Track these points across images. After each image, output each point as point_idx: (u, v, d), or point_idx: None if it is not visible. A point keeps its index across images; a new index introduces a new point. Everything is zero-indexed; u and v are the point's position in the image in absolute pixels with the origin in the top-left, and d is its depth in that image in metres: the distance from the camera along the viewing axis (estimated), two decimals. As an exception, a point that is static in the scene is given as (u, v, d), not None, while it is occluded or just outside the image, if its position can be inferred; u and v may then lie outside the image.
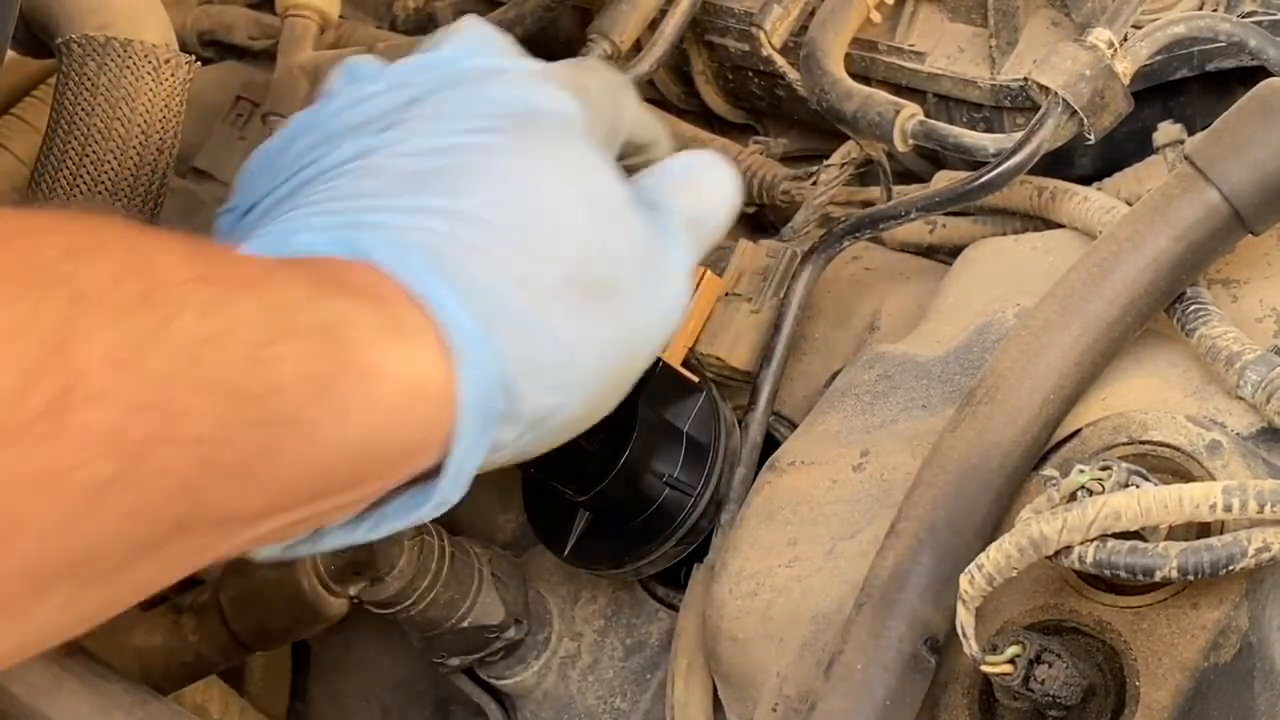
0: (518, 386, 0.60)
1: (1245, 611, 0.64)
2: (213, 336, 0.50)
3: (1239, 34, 0.81)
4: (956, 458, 0.71)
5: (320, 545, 0.61)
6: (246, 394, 0.51)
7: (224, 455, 0.51)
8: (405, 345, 0.57)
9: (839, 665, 0.68)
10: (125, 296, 0.49)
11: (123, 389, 0.48)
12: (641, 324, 0.67)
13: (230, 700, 0.94)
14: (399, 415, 0.57)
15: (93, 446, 0.47)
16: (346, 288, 0.57)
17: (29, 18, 0.82)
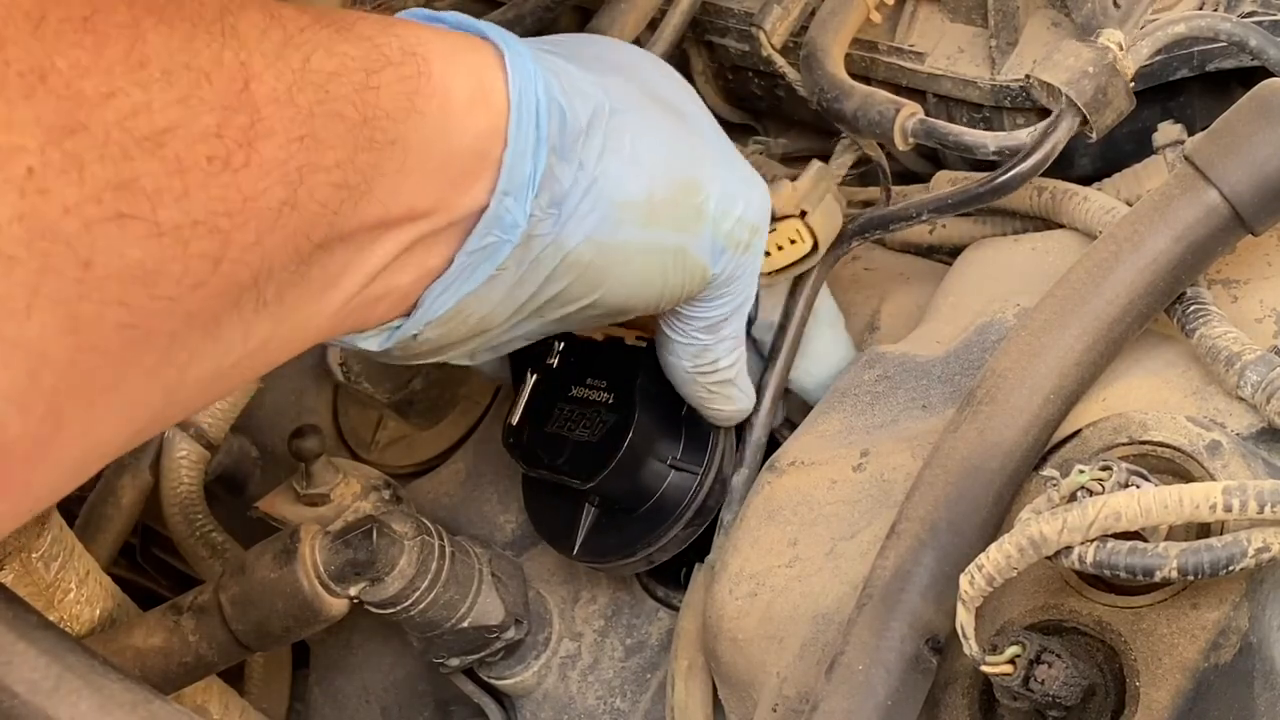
0: (571, 118, 0.68)
1: (1245, 611, 0.64)
2: (337, 72, 0.58)
3: (1239, 34, 0.81)
4: (957, 458, 0.71)
5: (421, 316, 0.68)
6: (363, 117, 0.58)
7: (351, 178, 0.58)
8: (469, 55, 0.66)
9: (840, 665, 0.68)
10: (273, 43, 0.55)
11: (285, 123, 0.55)
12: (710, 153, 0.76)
13: (230, 700, 0.94)
14: (466, 119, 0.64)
15: (272, 174, 0.54)
16: (414, 23, 0.65)
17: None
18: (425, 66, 0.63)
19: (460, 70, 0.65)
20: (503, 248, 0.67)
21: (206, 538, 1.02)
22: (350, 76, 0.58)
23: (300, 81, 0.56)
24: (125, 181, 0.49)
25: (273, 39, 0.56)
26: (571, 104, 0.68)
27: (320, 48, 0.57)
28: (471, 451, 1.02)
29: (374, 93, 0.59)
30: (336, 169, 0.57)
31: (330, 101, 0.57)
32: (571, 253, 0.70)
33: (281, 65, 0.55)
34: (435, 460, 1.04)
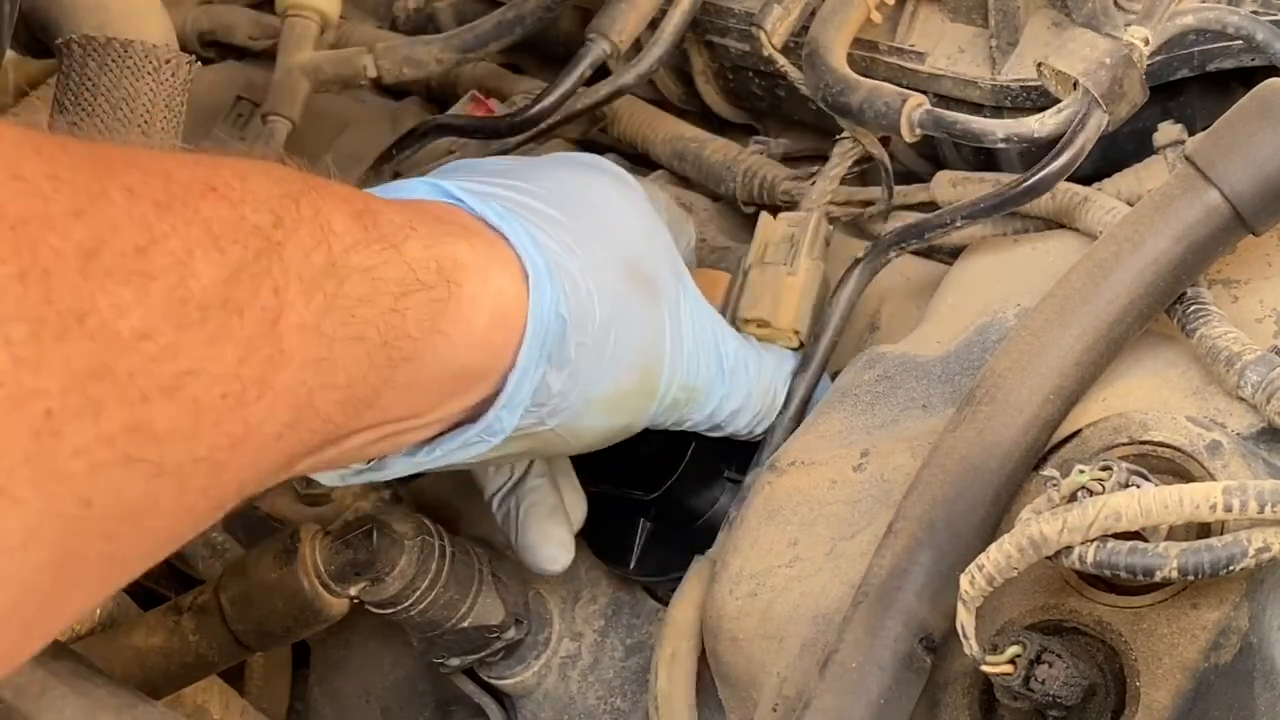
0: (568, 330, 0.70)
1: (1245, 611, 0.64)
2: (368, 297, 0.58)
3: (1247, 27, 0.81)
4: (956, 457, 0.71)
5: (383, 472, 0.70)
6: (384, 342, 0.59)
7: (359, 393, 0.58)
8: (499, 272, 0.67)
9: (834, 663, 0.68)
10: (315, 269, 0.55)
11: (305, 350, 0.54)
12: (669, 327, 0.77)
13: (230, 700, 0.94)
14: (484, 338, 0.66)
15: (280, 402, 0.53)
16: (457, 225, 0.67)
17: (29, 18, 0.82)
18: (457, 291, 0.64)
19: (489, 293, 0.66)
20: (481, 446, 0.70)
21: (206, 538, 1.02)
22: (380, 300, 0.59)
23: (330, 307, 0.55)
24: (139, 425, 0.47)
25: (315, 263, 0.55)
26: (573, 316, 0.70)
27: (358, 273, 0.57)
28: (472, 451, 1.01)
29: (399, 315, 0.59)
30: (348, 388, 0.57)
31: (355, 325, 0.57)
32: (536, 433, 0.73)
33: (316, 292, 0.55)
34: (435, 460, 1.03)
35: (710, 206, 1.05)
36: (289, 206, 0.55)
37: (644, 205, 0.81)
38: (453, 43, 1.07)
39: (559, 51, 1.15)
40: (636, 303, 0.76)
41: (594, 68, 0.98)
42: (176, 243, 0.49)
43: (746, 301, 0.91)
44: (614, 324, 0.73)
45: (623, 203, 0.80)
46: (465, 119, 1.06)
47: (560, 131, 1.10)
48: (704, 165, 1.05)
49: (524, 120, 0.99)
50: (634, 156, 1.12)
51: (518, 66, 1.21)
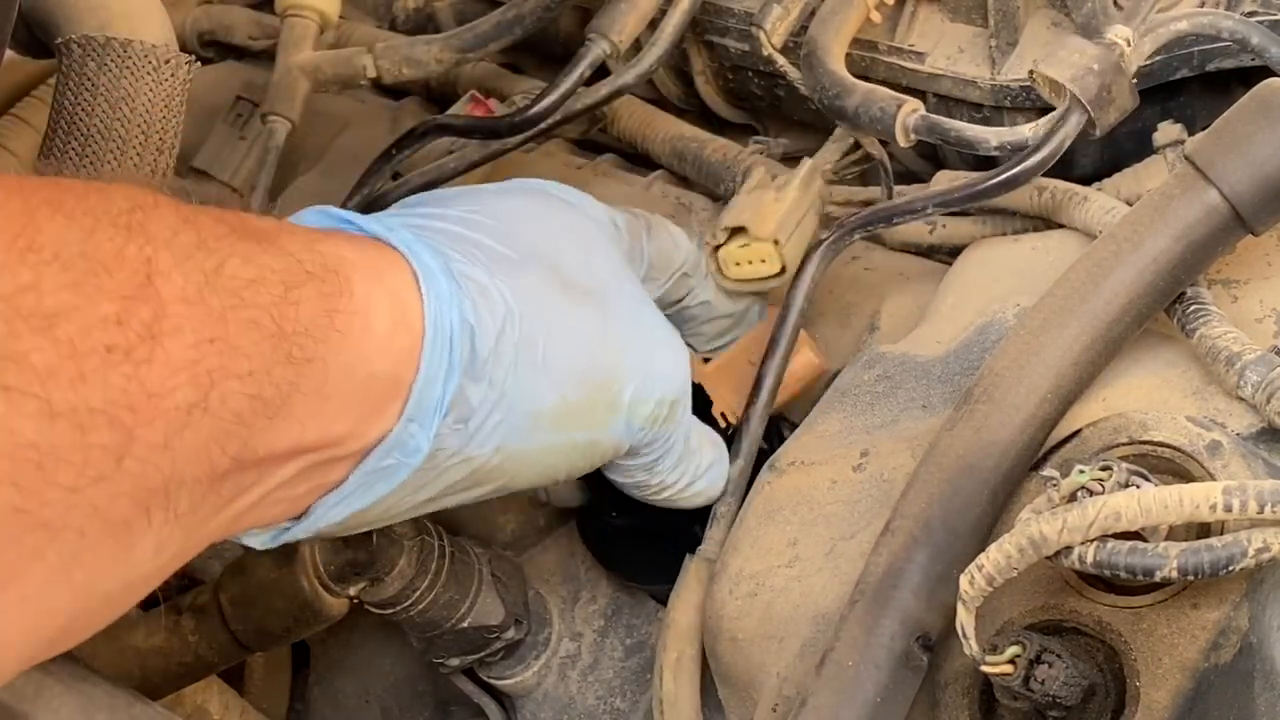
0: (481, 339, 0.67)
1: (1245, 611, 0.64)
2: (256, 279, 0.57)
3: (1241, 31, 0.81)
4: (953, 456, 0.71)
5: (312, 523, 0.66)
6: (281, 331, 0.58)
7: (266, 391, 0.57)
8: (389, 275, 0.65)
9: (830, 661, 0.68)
10: (184, 244, 0.55)
11: (194, 323, 0.53)
12: (623, 336, 0.74)
13: (230, 700, 0.94)
14: (385, 343, 0.63)
15: (179, 374, 0.53)
16: (336, 236, 0.66)
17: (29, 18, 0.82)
18: (347, 286, 0.62)
19: (382, 292, 0.64)
20: (401, 470, 0.66)
21: (206, 538, 1.02)
22: (269, 287, 0.58)
23: (213, 285, 0.55)
24: (11, 355, 0.48)
25: (184, 240, 0.55)
26: (482, 321, 0.67)
27: (237, 255, 0.57)
28: (471, 451, 1.01)
29: (294, 307, 0.58)
30: (251, 378, 0.56)
31: (245, 309, 0.56)
32: (477, 459, 0.69)
33: (191, 266, 0.54)
34: (435, 460, 1.03)
35: (710, 206, 1.05)
36: (145, 198, 0.55)
37: (582, 222, 0.79)
38: (452, 43, 1.07)
39: (559, 51, 1.15)
40: (572, 313, 0.73)
41: (594, 68, 0.98)
42: (16, 205, 0.50)
43: (728, 214, 0.88)
44: (543, 334, 0.70)
45: (555, 221, 0.78)
46: (465, 119, 1.06)
47: (560, 131, 1.10)
48: (704, 165, 1.05)
49: (524, 120, 0.99)
50: (634, 156, 1.12)
51: (518, 66, 1.21)
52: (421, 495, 0.69)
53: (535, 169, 1.10)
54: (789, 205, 0.88)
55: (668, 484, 0.82)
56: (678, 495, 0.83)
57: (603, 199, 1.06)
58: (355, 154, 1.13)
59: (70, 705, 0.66)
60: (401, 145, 1.02)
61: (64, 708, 0.66)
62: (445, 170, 1.03)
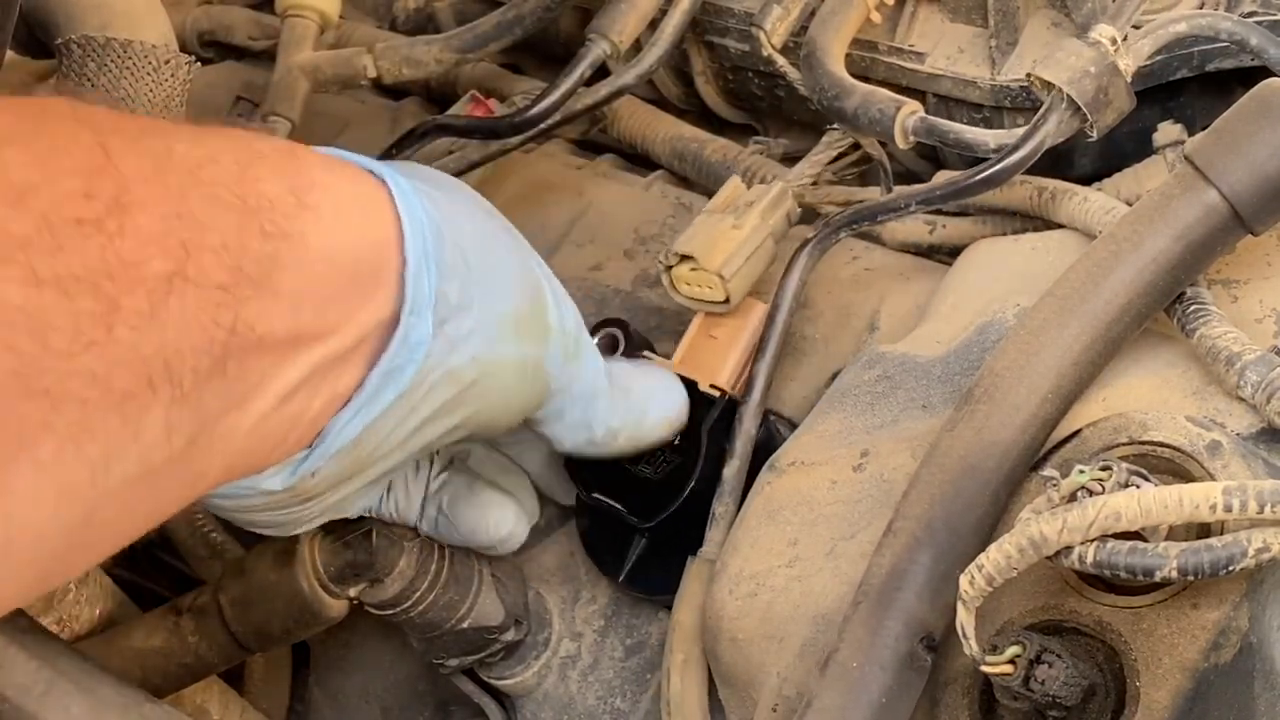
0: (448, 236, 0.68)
1: (1245, 611, 0.64)
2: (208, 159, 0.58)
3: (1240, 32, 0.81)
4: (954, 456, 0.71)
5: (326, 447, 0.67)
6: (246, 206, 0.58)
7: (245, 263, 0.58)
8: (347, 168, 0.66)
9: (835, 663, 0.68)
10: (132, 129, 0.56)
11: (156, 198, 0.54)
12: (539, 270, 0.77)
13: (230, 700, 0.94)
14: (360, 225, 0.64)
15: (151, 245, 0.53)
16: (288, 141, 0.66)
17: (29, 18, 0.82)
18: (306, 168, 0.63)
19: (343, 178, 0.65)
20: (407, 368, 0.67)
21: (206, 538, 1.02)
22: (224, 165, 0.59)
23: (165, 165, 0.56)
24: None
25: (130, 126, 0.56)
26: (448, 221, 0.69)
27: (184, 140, 0.58)
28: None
29: (255, 183, 0.59)
30: (226, 251, 0.57)
31: (203, 186, 0.57)
32: (457, 372, 0.70)
33: (142, 148, 0.56)
34: (435, 460, 1.03)
35: (710, 207, 1.05)
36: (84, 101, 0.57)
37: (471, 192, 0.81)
38: (452, 43, 1.07)
39: (559, 51, 1.15)
40: (504, 233, 0.75)
41: (594, 68, 0.98)
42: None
43: (683, 238, 0.90)
44: (487, 240, 0.72)
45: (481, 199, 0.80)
46: (465, 119, 1.06)
47: (560, 131, 1.10)
48: (704, 165, 1.05)
49: (524, 120, 0.99)
50: (634, 156, 1.12)
51: (518, 66, 1.21)
52: (413, 419, 0.70)
53: (535, 169, 1.10)
54: (743, 237, 0.89)
55: (615, 426, 0.83)
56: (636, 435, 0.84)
57: (603, 199, 1.07)
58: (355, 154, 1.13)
59: (81, 704, 0.66)
60: (401, 145, 1.02)
61: (74, 706, 0.66)
62: (445, 170, 1.03)
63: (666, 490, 0.88)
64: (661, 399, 0.86)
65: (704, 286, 0.89)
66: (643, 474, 0.88)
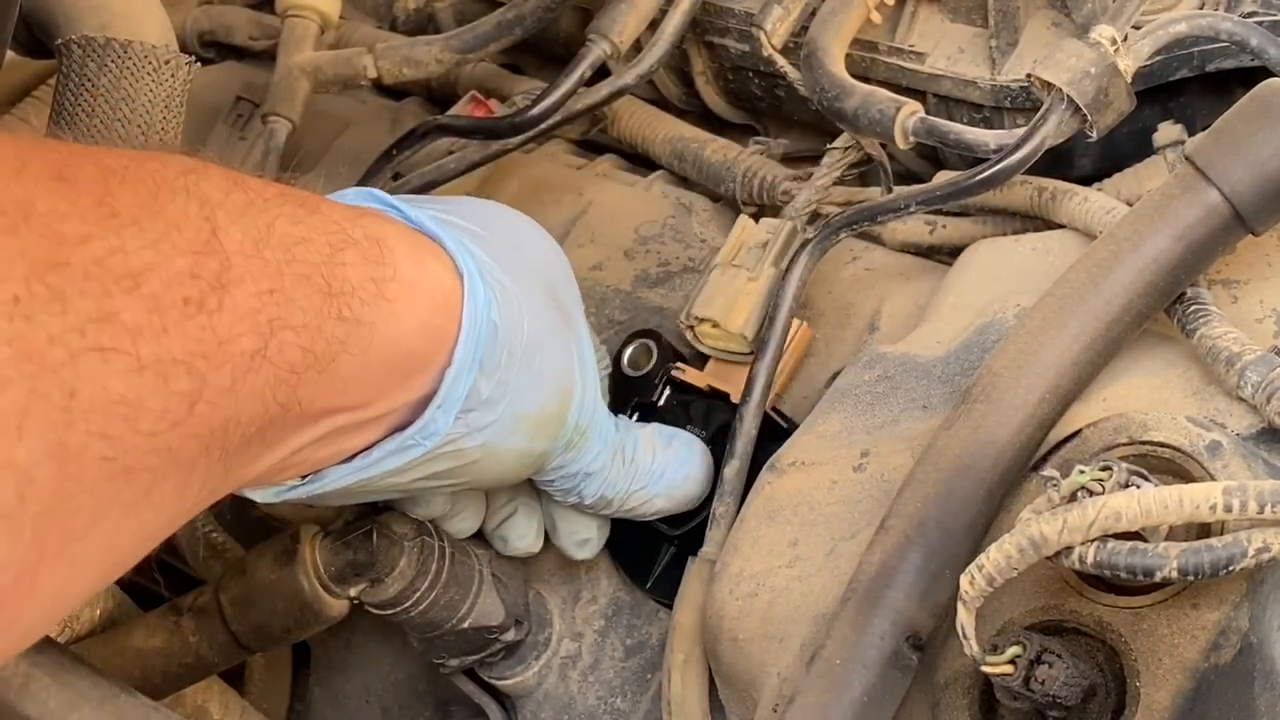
0: (502, 339, 0.71)
1: (1245, 612, 0.64)
2: (303, 239, 0.60)
3: (1240, 33, 0.81)
4: (950, 456, 0.71)
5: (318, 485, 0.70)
6: (330, 290, 0.61)
7: (317, 345, 0.60)
8: (432, 261, 0.69)
9: (819, 659, 0.69)
10: (236, 204, 0.58)
11: (254, 275, 0.57)
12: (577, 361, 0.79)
13: (230, 700, 0.94)
14: (427, 322, 0.67)
15: (243, 323, 0.56)
16: (377, 214, 0.69)
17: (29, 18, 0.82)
18: (391, 258, 0.66)
19: (426, 277, 0.68)
20: (413, 451, 0.71)
21: (206, 538, 1.02)
22: (316, 247, 0.61)
23: (266, 240, 0.58)
24: (106, 316, 0.51)
25: (236, 200, 0.58)
26: (504, 322, 0.71)
27: (285, 216, 0.60)
28: (472, 452, 1.01)
29: (341, 268, 0.62)
30: (304, 330, 0.59)
31: (297, 264, 0.59)
32: (465, 452, 0.73)
33: (246, 223, 0.58)
34: (435, 460, 1.03)
35: (710, 206, 1.05)
36: (196, 164, 0.59)
37: (554, 245, 0.84)
38: (453, 43, 1.07)
39: (559, 52, 1.15)
40: (555, 329, 0.78)
41: (594, 68, 0.98)
42: (90, 170, 0.54)
43: (702, 299, 0.92)
44: (539, 342, 0.75)
45: (539, 239, 0.83)
46: (465, 119, 1.06)
47: (560, 132, 1.10)
48: (704, 165, 1.05)
49: (524, 120, 0.99)
50: (634, 156, 1.12)
51: (518, 66, 1.21)
52: (408, 476, 0.73)
53: (535, 169, 1.10)
54: (761, 290, 0.91)
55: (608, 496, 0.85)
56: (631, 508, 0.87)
57: (603, 199, 1.07)
58: (355, 154, 1.13)
59: (58, 697, 0.67)
60: (402, 146, 1.02)
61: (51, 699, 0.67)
62: (445, 171, 1.03)
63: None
64: (671, 476, 0.87)
65: (728, 341, 0.92)
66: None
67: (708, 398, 0.92)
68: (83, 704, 0.68)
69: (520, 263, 0.77)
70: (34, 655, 0.67)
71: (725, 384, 0.91)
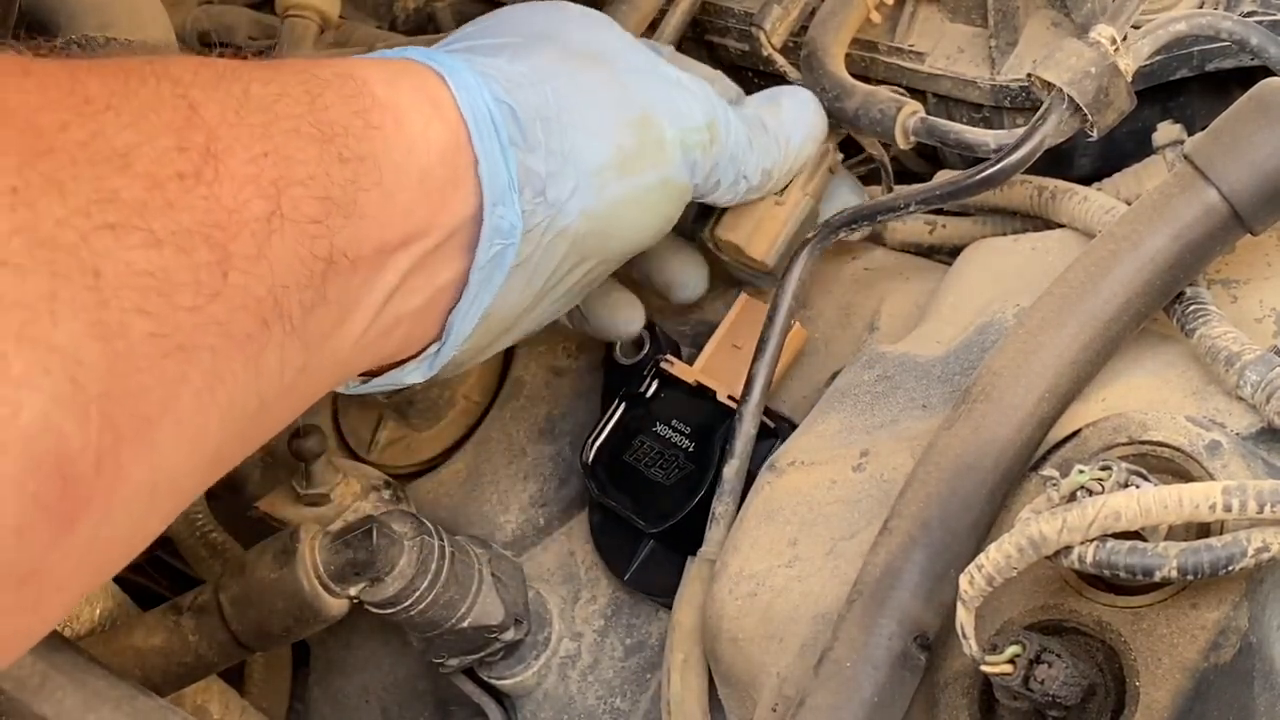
0: (522, 112, 0.70)
1: (1245, 611, 0.64)
2: (279, 95, 0.60)
3: (1240, 32, 0.81)
4: (951, 455, 0.71)
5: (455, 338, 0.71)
6: (322, 135, 0.61)
7: (332, 192, 0.60)
8: (405, 77, 0.68)
9: (828, 661, 0.68)
10: (208, 77, 0.58)
11: (243, 140, 0.57)
12: (640, 85, 0.77)
13: (230, 700, 0.94)
14: (425, 133, 0.67)
15: (246, 188, 0.56)
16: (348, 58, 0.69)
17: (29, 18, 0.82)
18: (365, 87, 0.65)
19: (403, 90, 0.67)
20: (507, 252, 0.70)
21: (206, 538, 1.02)
22: (294, 98, 0.61)
23: (245, 105, 0.58)
24: (106, 196, 0.51)
25: (206, 75, 0.58)
26: (517, 99, 0.71)
27: (255, 80, 0.60)
28: (471, 452, 1.02)
29: (325, 112, 0.62)
30: (313, 182, 0.59)
31: (282, 120, 0.59)
32: (568, 230, 0.73)
33: (221, 94, 0.58)
34: (435, 460, 1.04)
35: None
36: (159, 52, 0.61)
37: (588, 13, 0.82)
38: (452, 43, 1.07)
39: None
40: (590, 75, 0.76)
41: (594, 68, 0.98)
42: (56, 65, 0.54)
43: (726, 221, 0.90)
44: (569, 97, 0.74)
45: (559, 11, 0.81)
46: (465, 119, 1.05)
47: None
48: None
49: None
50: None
51: (517, 67, 1.21)
52: (537, 283, 0.73)
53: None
54: (785, 215, 0.89)
55: (766, 167, 0.84)
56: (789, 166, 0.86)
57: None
58: (355, 154, 1.13)
59: (74, 697, 0.67)
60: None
61: (68, 699, 0.67)
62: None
63: (677, 496, 0.89)
64: (798, 120, 0.86)
65: (747, 258, 0.90)
66: (655, 478, 0.89)
67: (695, 394, 0.91)
68: (100, 704, 0.68)
69: (520, 38, 0.76)
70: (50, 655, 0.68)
71: (713, 381, 0.91)
